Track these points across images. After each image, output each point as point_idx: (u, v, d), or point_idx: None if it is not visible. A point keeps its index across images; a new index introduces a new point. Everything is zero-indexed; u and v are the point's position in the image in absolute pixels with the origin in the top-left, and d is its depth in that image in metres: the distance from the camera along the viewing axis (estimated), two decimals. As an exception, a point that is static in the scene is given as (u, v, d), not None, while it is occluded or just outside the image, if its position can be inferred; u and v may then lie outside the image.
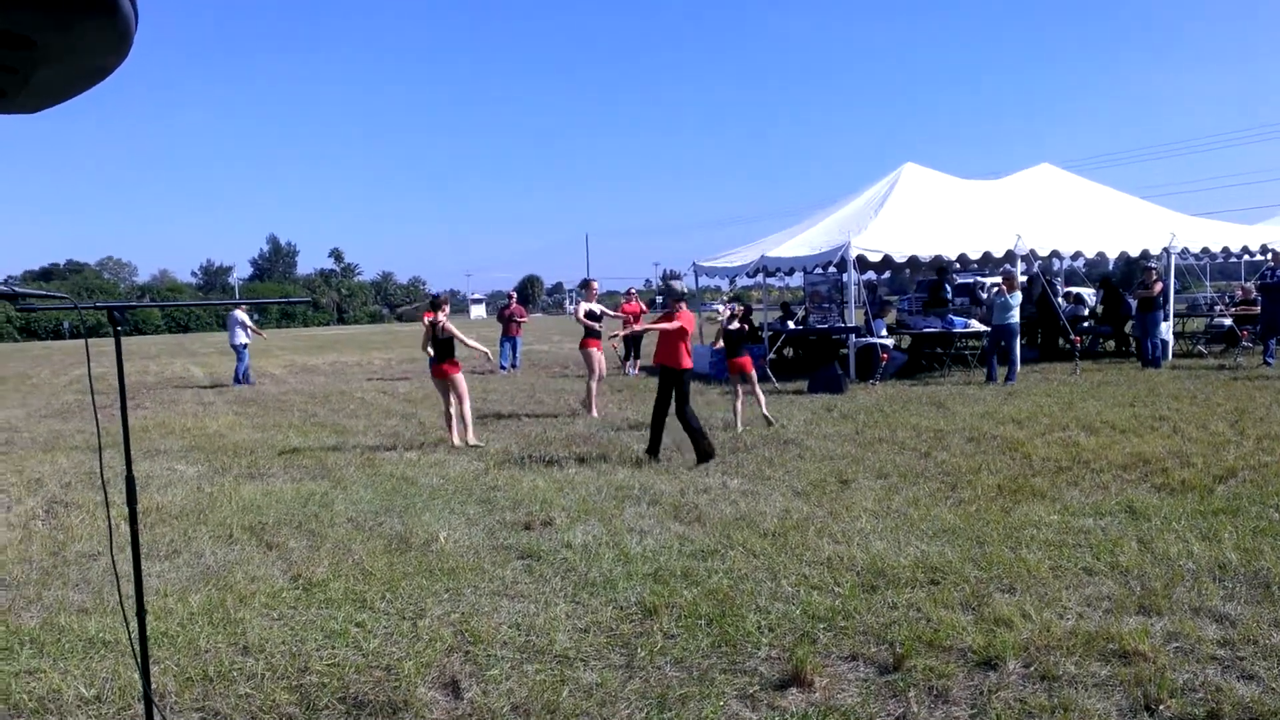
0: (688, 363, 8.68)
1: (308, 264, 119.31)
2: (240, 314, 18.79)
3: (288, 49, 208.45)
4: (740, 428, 10.24)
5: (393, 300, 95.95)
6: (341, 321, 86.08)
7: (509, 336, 20.08)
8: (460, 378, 10.07)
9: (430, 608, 4.82)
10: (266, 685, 3.94)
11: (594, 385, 12.07)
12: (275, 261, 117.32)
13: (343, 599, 5.00)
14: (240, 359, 18.88)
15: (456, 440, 9.98)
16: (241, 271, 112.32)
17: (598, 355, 12.12)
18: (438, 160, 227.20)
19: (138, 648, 3.26)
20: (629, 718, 3.58)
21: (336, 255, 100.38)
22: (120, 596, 3.93)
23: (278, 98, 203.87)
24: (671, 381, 8.63)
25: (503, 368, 19.76)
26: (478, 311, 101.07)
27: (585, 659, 4.11)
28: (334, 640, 4.42)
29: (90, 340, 3.60)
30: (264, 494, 7.82)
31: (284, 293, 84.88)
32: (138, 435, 11.56)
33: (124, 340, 3.04)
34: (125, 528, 3.44)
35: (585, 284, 12.95)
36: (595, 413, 11.90)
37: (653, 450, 8.77)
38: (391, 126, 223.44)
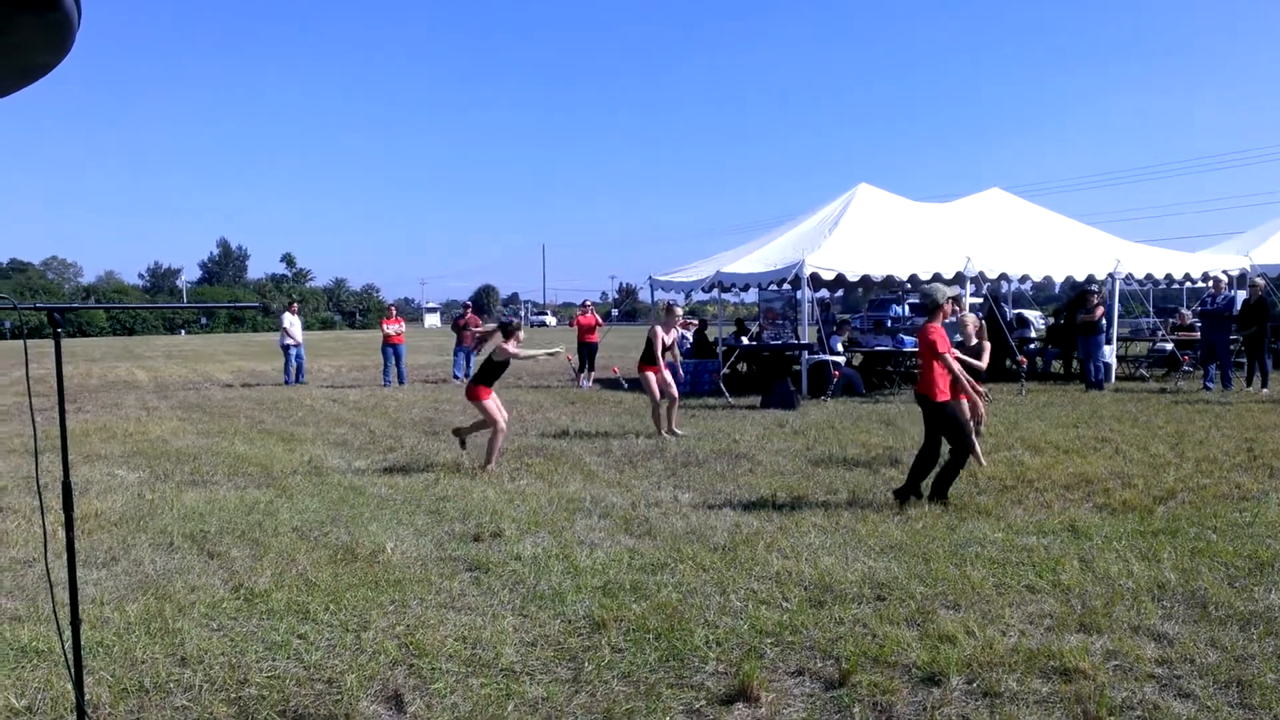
0: (941, 393, 6.99)
1: (259, 268, 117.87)
2: (290, 317, 20.15)
3: (242, 50, 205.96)
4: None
5: (345, 306, 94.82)
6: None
7: (463, 346, 20.01)
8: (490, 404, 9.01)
9: (375, 620, 4.75)
10: (204, 698, 3.85)
11: (660, 409, 11.40)
12: (225, 265, 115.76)
13: (285, 610, 4.91)
14: (288, 359, 20.12)
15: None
16: (190, 274, 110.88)
17: (654, 379, 11.40)
18: (393, 167, 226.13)
19: (72, 657, 3.18)
20: (575, 732, 3.56)
21: (289, 260, 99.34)
22: (55, 605, 3.83)
23: (232, 99, 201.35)
24: (926, 416, 7.20)
25: (456, 377, 19.76)
26: (432, 320, 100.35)
27: (531, 672, 4.08)
28: (275, 652, 4.34)
29: (31, 341, 3.52)
30: (207, 501, 7.67)
31: (234, 297, 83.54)
32: (78, 439, 11.29)
33: (67, 342, 2.98)
34: (62, 534, 3.35)
35: (669, 308, 12.02)
36: (663, 432, 11.21)
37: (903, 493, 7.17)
38: (348, 132, 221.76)
